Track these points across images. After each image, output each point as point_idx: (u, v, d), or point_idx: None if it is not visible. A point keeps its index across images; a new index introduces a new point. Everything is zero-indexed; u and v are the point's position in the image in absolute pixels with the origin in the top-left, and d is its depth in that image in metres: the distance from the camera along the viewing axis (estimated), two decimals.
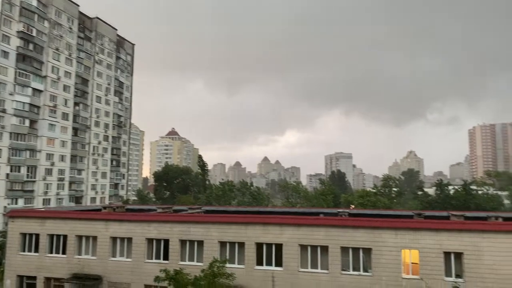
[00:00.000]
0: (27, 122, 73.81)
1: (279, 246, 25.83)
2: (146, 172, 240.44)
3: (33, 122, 75.40)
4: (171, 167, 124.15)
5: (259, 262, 26.03)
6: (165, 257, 27.59)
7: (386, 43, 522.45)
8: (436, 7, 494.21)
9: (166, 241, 27.87)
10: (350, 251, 24.84)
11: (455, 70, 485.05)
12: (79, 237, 29.73)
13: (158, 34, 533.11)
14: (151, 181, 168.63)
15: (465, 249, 23.05)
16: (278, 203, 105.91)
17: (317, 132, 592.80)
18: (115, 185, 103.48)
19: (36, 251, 30.12)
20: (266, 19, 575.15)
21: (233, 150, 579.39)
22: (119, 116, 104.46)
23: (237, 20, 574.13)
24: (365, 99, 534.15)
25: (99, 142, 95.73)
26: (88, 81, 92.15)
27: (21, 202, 71.79)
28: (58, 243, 29.97)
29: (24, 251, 30.39)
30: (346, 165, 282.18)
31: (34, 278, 29.67)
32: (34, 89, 75.99)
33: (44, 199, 77.28)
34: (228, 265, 22.62)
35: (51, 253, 29.94)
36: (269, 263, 25.89)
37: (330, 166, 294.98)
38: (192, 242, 27.47)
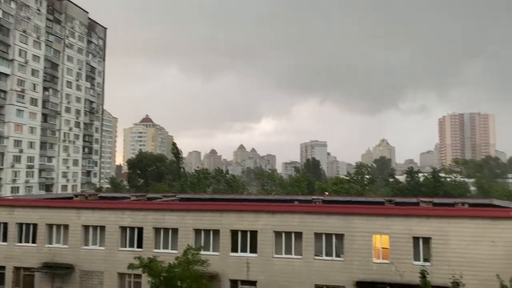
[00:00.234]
0: None
1: (254, 233, 26.06)
2: (120, 159, 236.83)
3: None
4: (145, 154, 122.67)
5: (234, 249, 26.24)
6: (139, 245, 27.39)
7: (360, 33, 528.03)
8: None
9: (140, 229, 27.64)
10: (324, 237, 25.33)
11: (426, 60, 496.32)
12: (50, 226, 29.09)
13: (132, 19, 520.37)
14: (125, 169, 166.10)
15: (433, 234, 23.91)
16: (254, 191, 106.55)
17: (293, 120, 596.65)
18: (88, 173, 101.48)
19: (5, 240, 29.31)
20: (243, 5, 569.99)
21: (209, 138, 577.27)
22: (91, 102, 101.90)
23: (213, 6, 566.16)
24: (339, 88, 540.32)
25: (70, 129, 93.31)
26: (58, 66, 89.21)
27: None
28: (28, 232, 29.23)
29: None
30: (320, 153, 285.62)
31: (3, 267, 28.92)
32: (0, 73, 73.01)
33: (12, 187, 75.05)
34: (203, 252, 22.66)
35: (20, 242, 29.20)
36: (244, 250, 26.14)
37: (305, 154, 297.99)
38: (166, 230, 27.36)
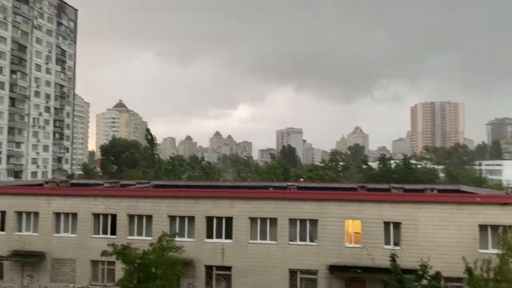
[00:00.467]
0: None
1: (229, 219, 26.20)
2: (92, 145, 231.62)
3: None
4: (119, 140, 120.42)
5: (209, 235, 26.34)
6: (113, 232, 27.12)
7: (335, 21, 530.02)
8: None
9: (114, 216, 27.34)
10: (298, 222, 25.73)
11: (400, 49, 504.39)
12: (19, 213, 28.32)
13: (104, 1, 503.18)
14: (98, 155, 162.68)
15: (403, 219, 24.64)
16: (230, 178, 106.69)
17: (270, 107, 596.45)
18: (59, 159, 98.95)
19: None
20: None
21: (184, 124, 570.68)
22: (62, 86, 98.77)
23: None
24: (315, 75, 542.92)
25: (40, 114, 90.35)
26: (26, 48, 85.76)
27: None
28: None
29: None
30: (296, 140, 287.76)
31: None
32: None
33: None
34: (177, 238, 22.62)
35: None
36: (219, 236, 26.26)
37: (281, 141, 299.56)
38: (140, 216, 27.15)
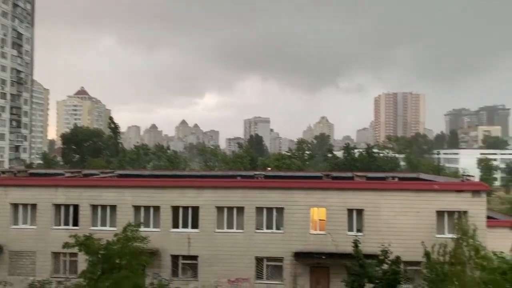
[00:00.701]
0: None
1: (195, 209, 26.08)
2: (53, 134, 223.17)
3: None
4: (81, 129, 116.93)
5: (175, 225, 26.16)
6: (75, 223, 26.40)
7: (302, 12, 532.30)
8: None
9: (76, 207, 26.57)
10: (265, 210, 25.98)
11: (365, 41, 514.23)
12: None
13: None
14: (58, 144, 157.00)
15: (366, 206, 25.41)
16: (196, 167, 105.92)
17: (237, 96, 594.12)
18: (16, 148, 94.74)
19: None
20: None
21: (149, 112, 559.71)
22: (19, 71, 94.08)
23: None
24: (282, 65, 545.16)
25: None
26: None
27: None
28: None
29: None
30: (264, 129, 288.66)
31: None
32: None
33: None
34: (143, 228, 22.30)
35: None
36: (185, 226, 26.13)
37: (249, 130, 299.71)
38: (104, 207, 26.55)
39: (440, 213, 24.93)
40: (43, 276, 25.70)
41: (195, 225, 26.05)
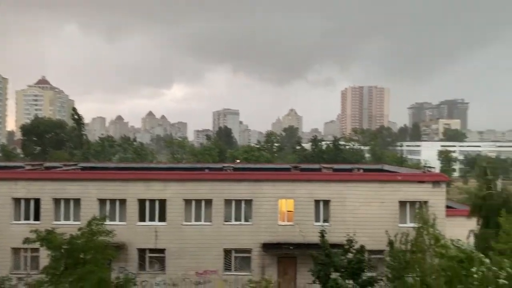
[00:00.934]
0: None
1: (162, 202, 25.80)
2: (12, 125, 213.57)
3: None
4: (42, 120, 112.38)
5: (142, 218, 25.79)
6: (37, 218, 25.52)
7: (272, 4, 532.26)
8: None
9: (37, 201, 25.67)
10: (233, 203, 26.04)
11: (333, 34, 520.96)
12: None
13: None
14: (18, 136, 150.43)
15: (332, 197, 25.97)
16: (163, 159, 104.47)
17: (205, 87, 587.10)
18: None
19: None
20: None
21: (115, 103, 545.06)
22: None
23: None
24: (251, 57, 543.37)
25: None
26: None
27: None
28: None
29: None
30: (233, 121, 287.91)
31: None
32: None
33: None
34: (108, 222, 21.83)
35: None
36: (152, 219, 25.81)
37: (217, 122, 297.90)
38: (67, 200, 25.80)
39: (402, 203, 25.82)
40: (2, 273, 24.72)
41: (162, 218, 25.79)
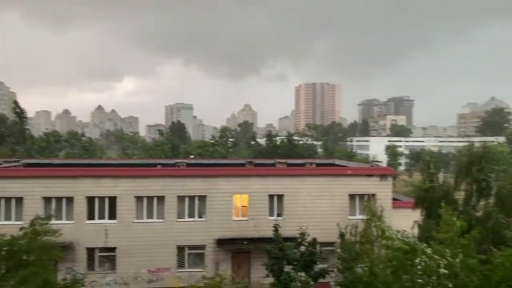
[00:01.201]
0: None
1: (112, 199, 24.98)
2: None
3: None
4: None
5: (91, 216, 24.85)
6: None
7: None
8: None
9: None
10: (187, 199, 25.72)
11: (285, 30, 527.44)
12: None
13: None
14: None
15: (286, 191, 26.37)
16: (114, 155, 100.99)
17: (157, 81, 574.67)
18: None
19: None
20: None
21: (61, 97, 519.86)
22: None
23: None
24: (204, 51, 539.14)
25: None
26: None
27: None
28: None
29: None
30: (186, 116, 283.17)
31: None
32: None
33: None
34: (54, 221, 20.77)
35: None
36: (101, 217, 24.96)
37: (170, 116, 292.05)
38: (8, 199, 24.32)
39: (352, 196, 26.74)
40: None
41: (112, 216, 24.98)
